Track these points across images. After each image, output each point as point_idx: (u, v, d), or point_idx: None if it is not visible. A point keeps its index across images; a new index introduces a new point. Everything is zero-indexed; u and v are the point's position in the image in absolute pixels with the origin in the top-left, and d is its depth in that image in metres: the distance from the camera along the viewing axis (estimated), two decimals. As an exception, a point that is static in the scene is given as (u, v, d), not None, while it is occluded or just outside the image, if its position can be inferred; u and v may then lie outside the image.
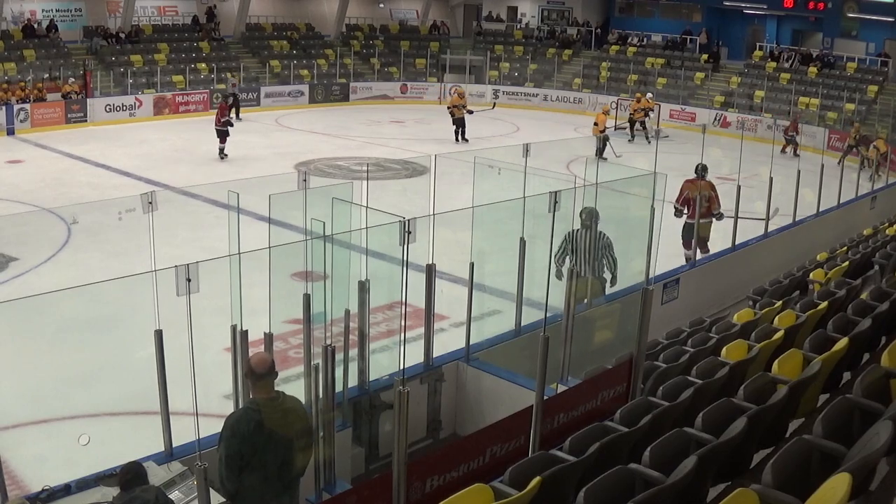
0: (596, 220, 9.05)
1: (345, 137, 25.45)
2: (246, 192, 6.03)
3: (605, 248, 9.29)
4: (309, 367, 5.81)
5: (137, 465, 4.91)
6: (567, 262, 9.25)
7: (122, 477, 4.81)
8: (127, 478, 4.78)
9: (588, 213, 8.96)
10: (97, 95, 27.39)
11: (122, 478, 4.81)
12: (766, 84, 30.96)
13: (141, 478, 4.82)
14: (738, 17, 35.91)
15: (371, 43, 36.45)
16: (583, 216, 9.05)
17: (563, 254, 9.25)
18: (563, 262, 9.26)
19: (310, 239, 5.58)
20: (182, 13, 33.55)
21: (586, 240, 9.17)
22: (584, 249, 9.18)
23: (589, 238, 9.17)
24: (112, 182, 18.91)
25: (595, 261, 9.23)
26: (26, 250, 13.35)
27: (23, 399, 8.31)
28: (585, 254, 9.19)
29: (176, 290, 4.67)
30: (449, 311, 9.02)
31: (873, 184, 18.78)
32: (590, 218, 8.99)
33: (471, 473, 5.43)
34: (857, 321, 6.80)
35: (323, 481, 5.73)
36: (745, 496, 3.78)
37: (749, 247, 12.21)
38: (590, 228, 9.16)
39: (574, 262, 9.24)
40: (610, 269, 9.40)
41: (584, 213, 9.01)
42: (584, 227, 9.18)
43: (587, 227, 9.17)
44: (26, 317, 8.96)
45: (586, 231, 9.18)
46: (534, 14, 39.49)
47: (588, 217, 9.01)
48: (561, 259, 9.24)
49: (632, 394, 6.39)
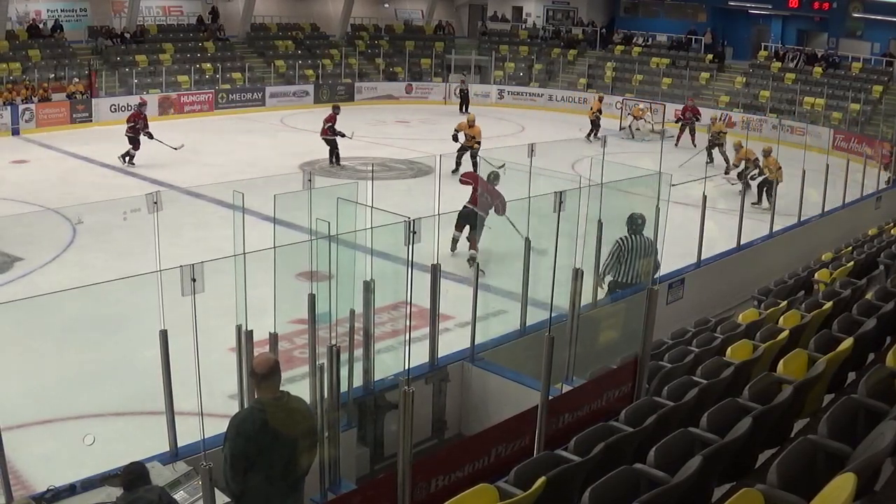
0: (644, 225, 9.10)
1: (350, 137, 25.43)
2: (251, 192, 6.03)
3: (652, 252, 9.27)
4: (314, 367, 5.81)
5: (140, 466, 4.91)
6: (621, 272, 9.26)
7: (124, 477, 4.82)
8: (129, 478, 4.79)
9: (640, 219, 9.03)
10: (102, 95, 27.44)
11: (124, 478, 4.81)
12: (771, 84, 30.91)
13: (143, 478, 4.82)
14: (742, 17, 35.85)
15: (376, 43, 36.46)
16: (639, 222, 9.09)
17: (615, 263, 9.24)
18: (609, 272, 9.26)
19: (315, 239, 5.59)
20: (187, 13, 33.60)
21: (637, 246, 9.20)
22: (633, 256, 9.20)
23: (639, 245, 9.20)
24: (117, 182, 18.93)
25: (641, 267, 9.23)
26: (31, 250, 13.36)
27: (28, 399, 8.31)
28: (635, 260, 9.21)
29: (181, 291, 4.68)
30: (454, 311, 9.02)
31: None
32: (643, 223, 9.06)
33: (476, 473, 5.43)
34: (861, 321, 6.79)
35: (328, 481, 5.74)
36: (750, 496, 3.77)
37: (754, 247, 12.20)
38: (638, 234, 9.19)
39: (623, 269, 9.24)
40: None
41: (638, 219, 9.07)
42: (635, 232, 9.23)
43: (637, 233, 9.21)
44: (31, 317, 9.00)
45: (637, 238, 9.22)
46: (539, 14, 39.47)
47: (640, 222, 9.08)
48: (610, 269, 9.23)
49: (637, 394, 6.39)
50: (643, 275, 9.19)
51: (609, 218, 8.87)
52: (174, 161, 20.96)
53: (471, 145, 19.77)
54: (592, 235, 8.77)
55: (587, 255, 8.44)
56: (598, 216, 8.64)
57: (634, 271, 9.25)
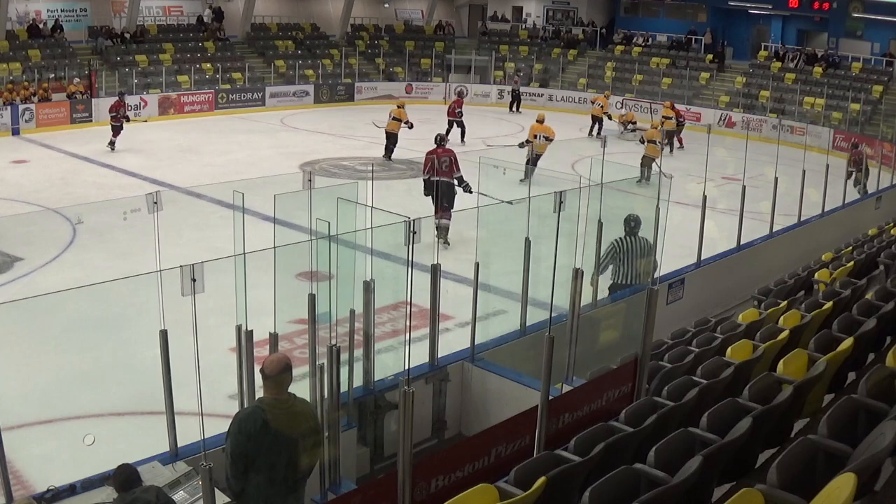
0: (639, 226, 9.20)
1: (350, 137, 25.46)
2: (251, 192, 6.03)
3: (649, 253, 9.36)
4: (314, 367, 5.81)
5: (129, 467, 4.92)
6: (609, 272, 9.35)
7: (115, 480, 4.83)
8: (120, 480, 4.80)
9: (633, 220, 9.13)
10: (102, 95, 27.38)
11: (116, 481, 4.83)
12: (772, 84, 30.91)
13: (135, 479, 4.84)
14: (743, 17, 35.84)
15: (376, 43, 36.47)
16: (631, 224, 9.21)
17: (610, 262, 9.32)
18: (604, 272, 9.33)
19: (315, 239, 5.59)
20: (187, 13, 33.60)
21: (634, 247, 9.28)
22: (630, 257, 9.28)
23: (636, 245, 9.28)
24: (117, 182, 18.93)
25: (639, 268, 9.31)
26: (31, 250, 13.36)
27: (28, 399, 8.31)
28: (633, 261, 9.28)
29: (181, 290, 4.67)
30: (454, 311, 9.02)
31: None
32: (637, 225, 9.17)
33: (476, 473, 5.43)
34: (862, 321, 6.79)
35: (328, 481, 5.74)
36: (750, 496, 3.78)
37: (754, 247, 12.20)
38: (635, 235, 9.26)
39: (621, 270, 9.32)
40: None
41: (631, 221, 9.18)
42: (630, 234, 9.31)
43: (633, 235, 9.29)
44: (31, 317, 9.00)
45: (633, 239, 9.30)
46: (539, 14, 39.49)
47: (633, 224, 9.19)
48: (604, 269, 9.30)
49: (637, 394, 6.39)
50: (642, 275, 9.21)
51: (609, 218, 8.87)
52: (174, 161, 20.96)
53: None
54: (592, 235, 8.76)
55: (587, 255, 8.43)
56: (598, 216, 8.64)
57: (633, 272, 9.28)
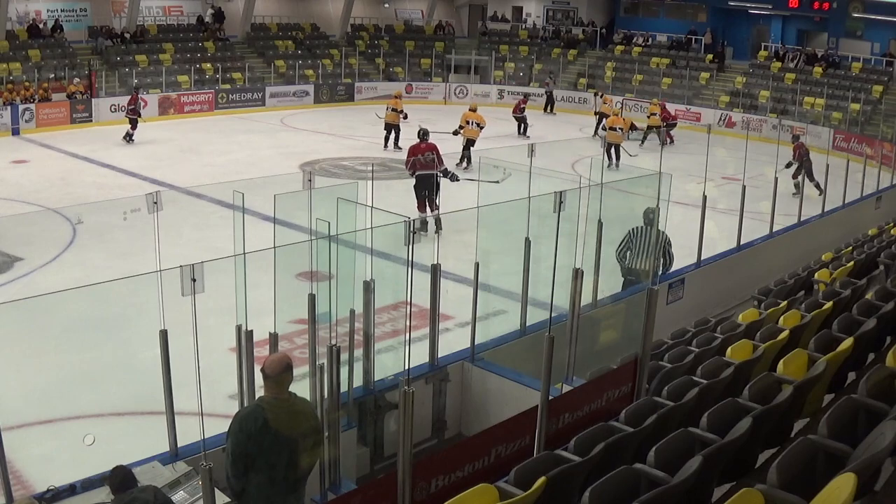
0: (657, 219, 9.47)
1: (350, 137, 25.46)
2: (251, 192, 6.03)
3: (665, 244, 9.72)
4: (314, 367, 5.81)
5: (124, 469, 4.92)
6: (628, 258, 9.80)
7: (111, 482, 4.84)
8: (116, 481, 4.80)
9: (651, 213, 9.46)
10: (102, 95, 27.43)
11: (111, 482, 4.83)
12: (772, 84, 30.91)
13: (130, 480, 4.84)
14: (743, 17, 35.84)
15: (376, 43, 36.47)
16: (650, 216, 9.55)
17: (625, 249, 9.79)
18: (625, 258, 9.80)
19: (315, 239, 5.59)
20: (187, 13, 33.60)
21: (647, 237, 9.61)
22: (643, 246, 9.66)
23: (650, 235, 9.56)
24: (117, 182, 18.93)
25: (654, 256, 9.59)
26: (31, 250, 13.37)
27: (28, 399, 8.31)
28: (645, 250, 9.64)
29: (181, 291, 4.67)
30: (454, 311, 9.02)
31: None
32: (655, 217, 9.44)
33: (476, 473, 5.43)
34: (862, 321, 6.79)
35: (328, 481, 5.73)
36: (750, 496, 3.78)
37: (754, 247, 12.20)
38: (652, 226, 9.57)
39: (633, 257, 9.77)
40: (665, 266, 9.98)
41: (649, 213, 9.54)
42: (647, 224, 9.66)
43: (649, 225, 9.62)
44: (31, 317, 9.00)
45: (648, 228, 9.63)
46: (539, 14, 39.49)
47: (651, 216, 9.50)
48: (623, 255, 9.78)
49: (637, 394, 6.39)
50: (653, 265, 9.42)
51: (609, 218, 8.87)
52: (174, 161, 20.96)
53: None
54: (592, 235, 8.76)
55: (587, 255, 8.43)
56: (598, 216, 8.64)
57: (644, 259, 9.61)
